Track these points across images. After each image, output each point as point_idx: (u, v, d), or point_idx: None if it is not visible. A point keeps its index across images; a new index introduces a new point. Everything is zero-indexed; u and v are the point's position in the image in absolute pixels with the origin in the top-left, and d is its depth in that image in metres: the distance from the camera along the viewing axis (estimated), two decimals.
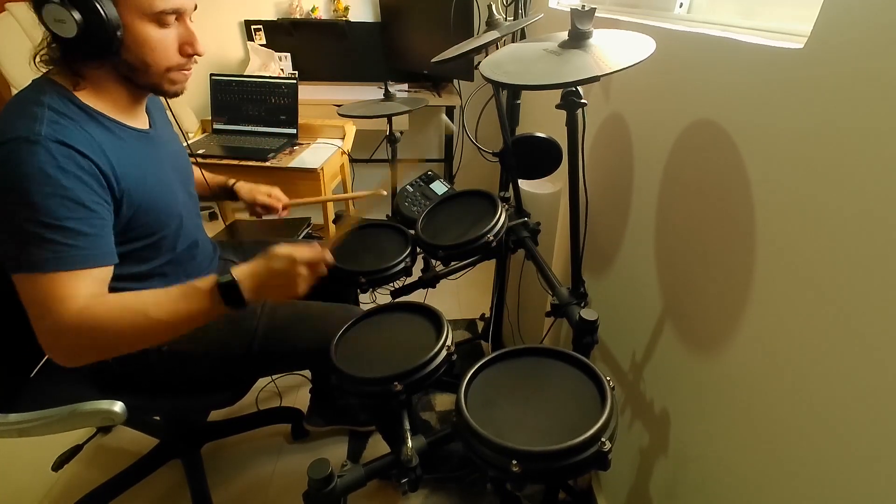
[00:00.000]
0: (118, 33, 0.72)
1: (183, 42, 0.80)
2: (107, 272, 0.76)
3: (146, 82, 0.81)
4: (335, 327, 0.83)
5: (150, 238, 0.86)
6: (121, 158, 0.78)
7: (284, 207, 1.20)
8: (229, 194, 1.19)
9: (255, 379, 1.09)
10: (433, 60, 1.07)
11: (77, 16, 0.69)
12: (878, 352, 0.49)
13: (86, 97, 0.78)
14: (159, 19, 0.75)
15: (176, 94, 0.85)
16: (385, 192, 1.08)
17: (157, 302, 0.73)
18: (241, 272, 0.75)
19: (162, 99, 1.01)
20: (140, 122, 0.88)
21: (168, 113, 1.05)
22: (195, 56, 0.82)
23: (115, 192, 0.77)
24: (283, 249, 0.75)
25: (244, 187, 1.19)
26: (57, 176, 0.69)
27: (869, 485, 0.50)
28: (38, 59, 0.77)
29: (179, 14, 0.78)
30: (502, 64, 0.78)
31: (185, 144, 1.06)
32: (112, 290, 0.86)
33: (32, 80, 0.77)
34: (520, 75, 0.74)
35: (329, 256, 0.80)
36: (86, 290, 0.72)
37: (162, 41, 0.77)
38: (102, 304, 0.73)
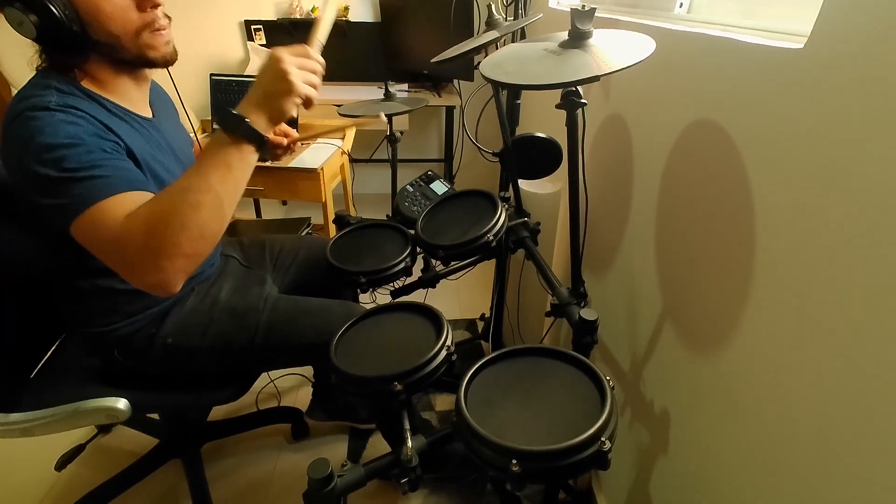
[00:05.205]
0: (66, 12, 0.72)
1: None
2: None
3: (128, 57, 0.80)
4: (336, 323, 0.83)
5: None
6: (129, 138, 0.80)
7: (292, 143, 1.14)
8: None
9: (257, 374, 1.09)
10: (433, 60, 1.07)
11: (32, 17, 0.71)
12: (877, 352, 0.49)
13: (88, 86, 0.80)
14: None
15: (167, 61, 0.84)
16: (385, 119, 1.08)
17: (186, 174, 0.71)
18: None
19: (174, 97, 1.02)
20: (143, 111, 0.90)
21: (180, 107, 1.06)
22: (158, 7, 0.79)
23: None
24: None
25: None
26: (77, 132, 0.72)
27: (870, 486, 0.50)
28: (37, 65, 0.79)
29: None
30: (502, 64, 0.78)
31: (195, 140, 1.06)
32: (106, 286, 0.87)
33: (34, 76, 0.79)
34: (520, 75, 0.74)
35: (317, 54, 0.74)
36: None
37: (112, 3, 0.75)
38: (144, 205, 0.71)
